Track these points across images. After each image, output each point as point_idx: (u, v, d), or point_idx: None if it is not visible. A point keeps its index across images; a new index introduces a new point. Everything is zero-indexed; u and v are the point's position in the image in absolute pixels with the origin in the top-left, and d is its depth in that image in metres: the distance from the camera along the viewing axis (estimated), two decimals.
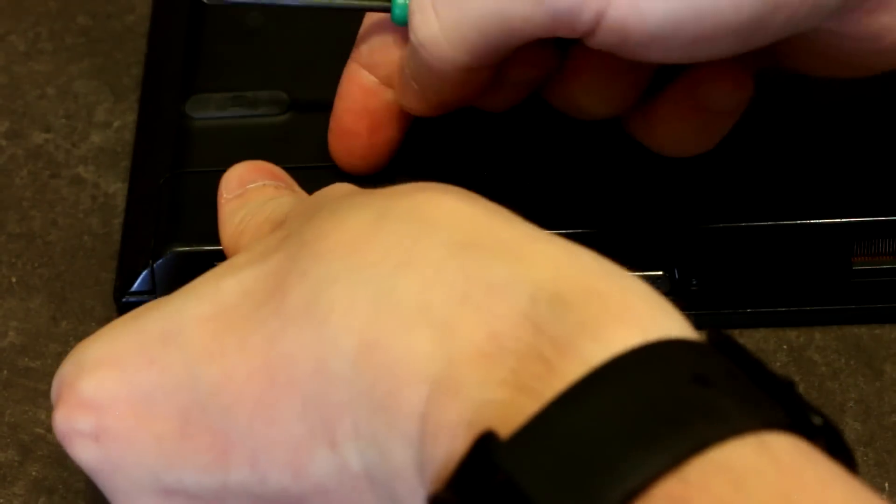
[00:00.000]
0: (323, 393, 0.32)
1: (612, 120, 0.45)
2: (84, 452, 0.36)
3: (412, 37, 0.41)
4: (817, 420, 0.29)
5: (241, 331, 0.34)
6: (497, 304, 0.30)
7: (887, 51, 0.40)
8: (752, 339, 0.48)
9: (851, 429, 0.46)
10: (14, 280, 0.50)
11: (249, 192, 0.42)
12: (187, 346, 0.34)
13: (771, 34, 0.38)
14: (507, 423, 0.28)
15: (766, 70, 0.45)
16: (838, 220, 0.47)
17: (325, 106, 0.47)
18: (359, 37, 0.45)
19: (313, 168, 0.46)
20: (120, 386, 0.35)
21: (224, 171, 0.43)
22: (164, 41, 0.54)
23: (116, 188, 0.52)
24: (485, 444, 0.28)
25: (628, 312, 0.30)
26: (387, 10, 0.43)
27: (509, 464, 0.28)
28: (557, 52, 0.43)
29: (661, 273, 0.47)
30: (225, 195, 0.42)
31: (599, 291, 0.30)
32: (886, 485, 0.45)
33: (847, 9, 0.38)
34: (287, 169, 0.44)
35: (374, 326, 0.31)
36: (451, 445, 0.29)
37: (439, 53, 0.41)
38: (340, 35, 0.47)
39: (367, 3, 0.44)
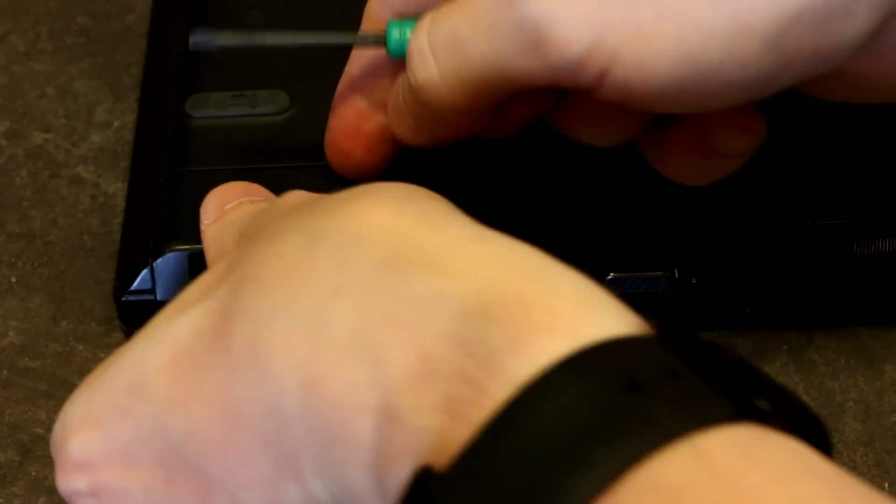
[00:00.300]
0: (280, 432, 0.32)
1: None
2: None
3: (411, 79, 0.40)
4: (763, 405, 0.28)
5: (198, 376, 0.34)
6: (424, 322, 0.30)
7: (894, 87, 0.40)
8: (752, 339, 0.48)
9: (851, 429, 0.46)
10: (14, 280, 0.50)
11: (227, 214, 0.41)
12: (152, 397, 0.34)
13: (781, 86, 0.38)
14: (444, 451, 0.28)
15: None
16: (838, 220, 0.47)
17: (324, 104, 0.47)
18: (349, 61, 0.45)
19: (312, 167, 0.46)
20: (102, 443, 0.36)
21: (224, 170, 0.43)
22: (163, 40, 0.54)
23: (116, 188, 0.52)
24: (422, 479, 0.28)
25: (555, 319, 0.29)
26: (382, 44, 0.43)
27: (445, 499, 0.27)
28: (559, 91, 0.42)
29: (661, 273, 0.47)
30: (205, 221, 0.42)
31: (525, 298, 0.30)
32: (886, 485, 0.45)
33: (857, 58, 0.38)
34: (286, 168, 0.44)
35: (312, 362, 0.31)
36: (400, 476, 0.29)
37: (438, 97, 0.40)
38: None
39: (361, 39, 0.44)
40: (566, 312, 0.29)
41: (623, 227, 0.47)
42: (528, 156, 0.48)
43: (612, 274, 0.47)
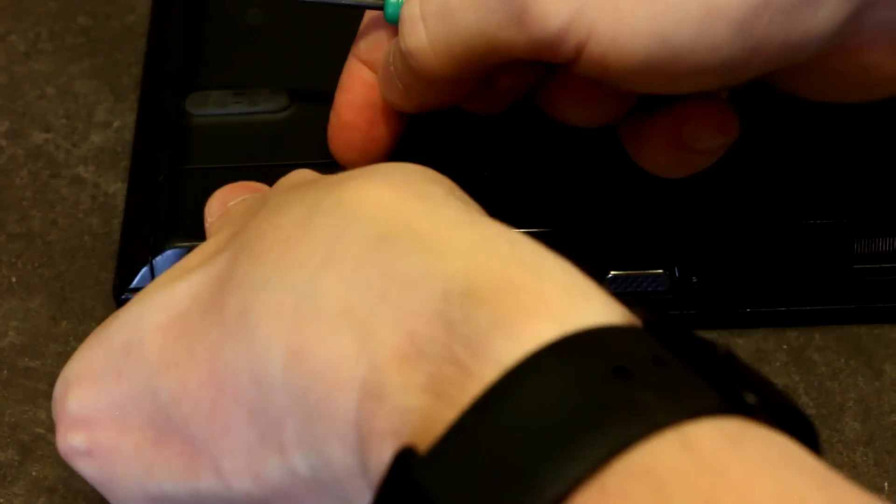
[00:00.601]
0: (264, 401, 0.32)
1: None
2: (84, 469, 0.37)
3: (402, 45, 0.42)
4: (750, 398, 0.28)
5: (190, 340, 0.34)
6: (412, 301, 0.30)
7: (875, 85, 0.40)
8: (751, 339, 0.48)
9: (851, 428, 0.46)
10: (14, 280, 0.50)
11: (230, 210, 0.42)
12: (146, 358, 0.35)
13: (752, 73, 0.38)
14: (428, 432, 0.28)
15: None
16: (838, 220, 0.47)
17: (324, 102, 0.47)
18: (358, 33, 0.46)
19: (313, 165, 0.46)
20: (98, 400, 0.36)
21: (223, 167, 0.43)
22: (163, 37, 0.54)
23: (116, 188, 0.52)
24: (404, 459, 0.28)
25: (543, 304, 0.29)
26: (380, 8, 0.44)
27: (427, 481, 0.27)
28: (543, 65, 0.43)
29: (661, 271, 0.47)
30: (209, 219, 0.42)
31: (513, 282, 0.30)
32: (886, 484, 0.45)
33: (829, 50, 0.38)
34: (287, 166, 0.44)
35: (298, 333, 0.31)
36: (382, 454, 0.29)
37: (426, 63, 0.41)
38: (340, 32, 0.47)
39: (361, 1, 0.45)
40: (554, 298, 0.29)
41: (623, 225, 0.47)
42: (528, 155, 0.48)
43: (612, 272, 0.47)
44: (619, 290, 0.47)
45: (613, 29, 0.37)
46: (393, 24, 0.44)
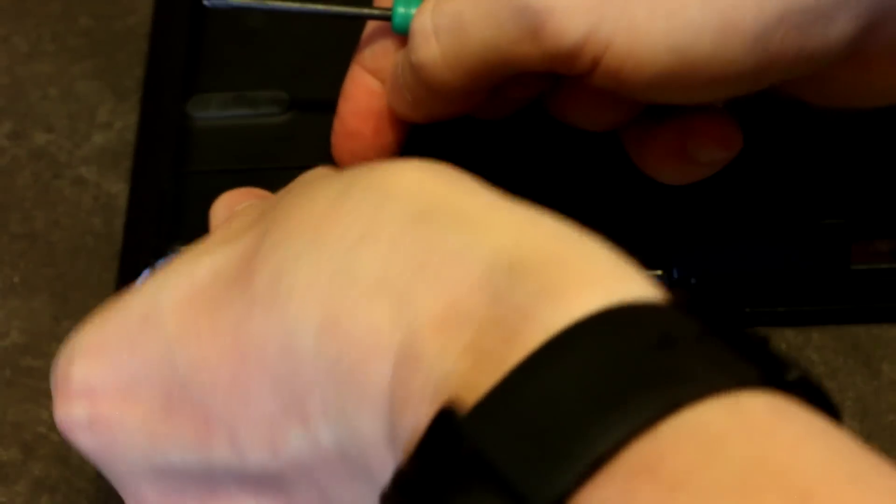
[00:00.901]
0: (291, 372, 0.32)
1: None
2: (83, 441, 0.36)
3: (412, 57, 0.41)
4: (793, 375, 0.28)
5: (213, 311, 0.34)
6: (454, 272, 0.30)
7: (882, 94, 0.41)
8: None
9: (849, 428, 0.46)
10: (17, 280, 0.50)
11: (236, 215, 0.42)
12: (165, 329, 0.35)
13: (763, 84, 0.39)
14: (470, 392, 0.28)
15: None
16: (836, 220, 0.47)
17: (326, 106, 0.47)
18: (361, 41, 0.46)
19: (314, 167, 0.46)
20: (107, 371, 0.36)
21: (225, 170, 0.43)
22: (165, 41, 0.54)
23: (118, 189, 0.52)
24: (448, 416, 0.28)
25: (589, 276, 0.29)
26: (387, 19, 0.44)
27: (473, 434, 0.27)
28: (551, 76, 0.43)
29: (659, 272, 0.47)
30: (214, 224, 0.42)
31: (559, 256, 0.30)
32: None
33: (841, 63, 0.39)
34: (288, 169, 0.44)
35: (334, 302, 0.31)
36: (417, 418, 0.29)
37: (438, 76, 0.41)
38: (341, 35, 0.47)
39: (367, 12, 0.44)
40: (600, 272, 0.29)
41: (622, 226, 0.47)
42: (528, 157, 0.48)
43: None
44: None
45: (630, 42, 0.37)
46: (401, 35, 0.44)
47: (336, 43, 0.47)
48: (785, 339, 0.48)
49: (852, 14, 0.38)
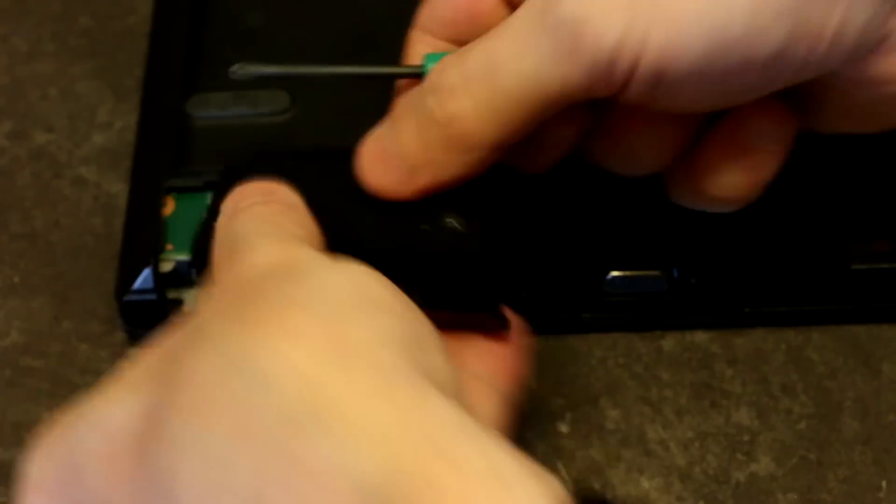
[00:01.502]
0: None
1: None
2: None
3: (438, 113, 0.40)
4: None
5: (123, 483, 0.33)
6: (323, 497, 0.29)
7: (889, 118, 0.41)
8: (750, 339, 0.48)
9: (849, 428, 0.46)
10: (17, 280, 0.50)
11: (238, 213, 0.41)
12: (88, 487, 0.34)
13: (795, 69, 0.39)
14: None
15: None
16: (836, 220, 0.47)
17: (325, 104, 0.47)
18: (393, 104, 0.43)
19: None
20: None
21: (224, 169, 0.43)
22: (165, 40, 0.54)
23: (118, 189, 0.52)
24: None
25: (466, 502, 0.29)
26: (419, 76, 0.43)
27: None
28: (592, 111, 0.42)
29: (660, 272, 0.47)
30: (221, 218, 0.42)
31: (431, 483, 0.29)
32: (884, 483, 0.45)
33: (863, 51, 0.39)
34: None
35: None
36: None
37: (468, 128, 0.39)
38: (342, 35, 0.47)
39: (398, 70, 0.44)
40: (477, 497, 0.29)
41: (623, 226, 0.47)
42: None
43: (611, 273, 0.47)
44: (618, 291, 0.47)
45: (667, 31, 0.37)
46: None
47: (336, 42, 0.47)
48: (785, 340, 0.48)
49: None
